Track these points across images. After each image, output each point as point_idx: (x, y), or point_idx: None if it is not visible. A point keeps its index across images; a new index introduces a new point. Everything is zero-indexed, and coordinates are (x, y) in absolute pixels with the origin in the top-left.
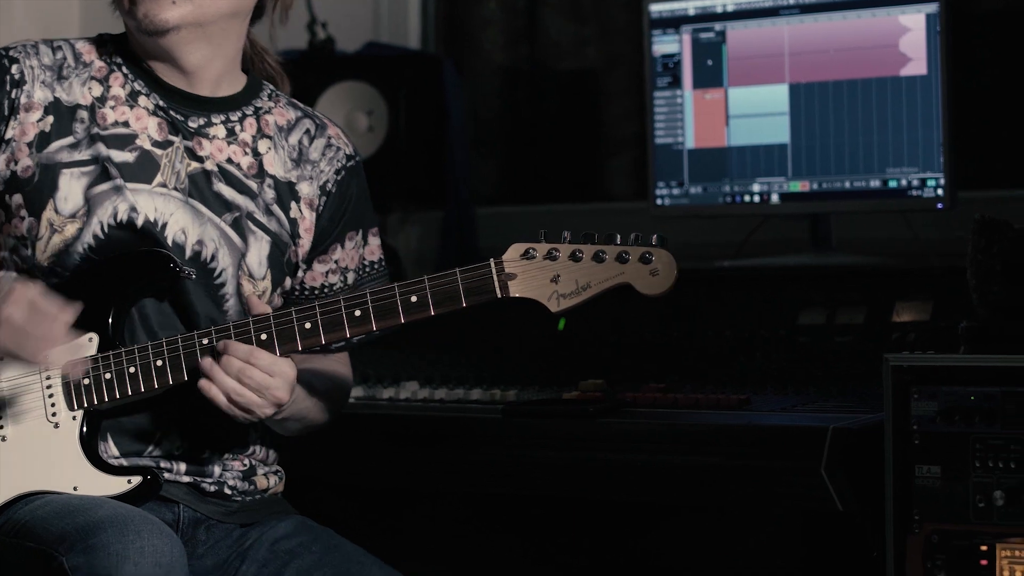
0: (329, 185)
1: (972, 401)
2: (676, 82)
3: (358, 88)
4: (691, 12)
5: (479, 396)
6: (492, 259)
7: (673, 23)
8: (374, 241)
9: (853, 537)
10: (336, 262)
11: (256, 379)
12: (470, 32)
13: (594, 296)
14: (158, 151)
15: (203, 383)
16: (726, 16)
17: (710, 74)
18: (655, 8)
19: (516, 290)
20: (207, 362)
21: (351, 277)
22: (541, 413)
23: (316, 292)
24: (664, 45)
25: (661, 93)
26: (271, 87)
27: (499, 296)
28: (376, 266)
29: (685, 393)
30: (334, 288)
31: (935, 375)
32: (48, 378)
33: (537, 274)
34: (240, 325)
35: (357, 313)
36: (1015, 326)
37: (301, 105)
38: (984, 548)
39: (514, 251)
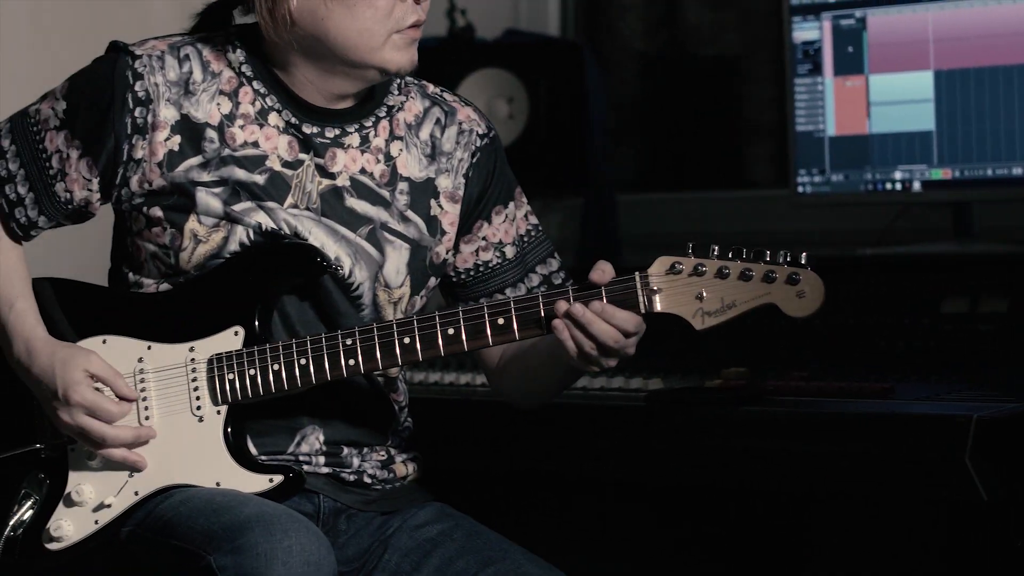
0: (468, 171)
1: None
2: (817, 69)
3: (498, 75)
4: None
5: (621, 384)
6: (638, 272)
7: (813, 9)
8: (519, 212)
9: (997, 527)
10: (485, 239)
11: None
12: (609, 18)
13: (739, 315)
14: (288, 171)
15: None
16: (867, 3)
17: (851, 61)
18: None
19: (661, 305)
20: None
21: (510, 251)
22: (684, 401)
23: (472, 273)
24: (804, 32)
25: (802, 80)
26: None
27: (643, 311)
28: (532, 234)
29: (828, 381)
30: (490, 265)
31: None
32: (193, 370)
33: (683, 290)
34: (384, 327)
35: (500, 321)
36: None
37: (429, 90)
38: None
39: (660, 265)
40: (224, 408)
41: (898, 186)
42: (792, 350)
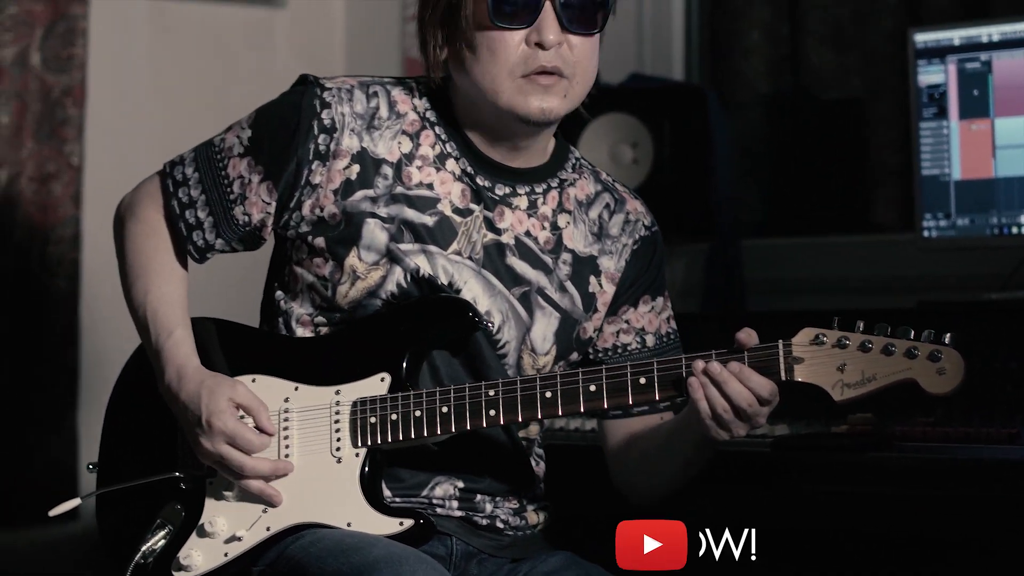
0: (629, 256)
1: None
2: (942, 113)
3: (623, 120)
4: (956, 42)
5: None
6: (781, 341)
7: (938, 53)
8: (664, 313)
9: None
10: (628, 322)
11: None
12: (733, 62)
13: (878, 389)
14: (458, 218)
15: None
16: (992, 46)
17: (976, 104)
18: (920, 38)
19: (801, 375)
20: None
21: (650, 340)
22: (810, 447)
23: (609, 353)
24: (929, 75)
25: (927, 124)
26: (576, 155)
27: (783, 379)
28: (671, 336)
29: (954, 427)
30: (629, 349)
31: None
32: (337, 412)
33: (825, 361)
34: (527, 380)
35: (642, 380)
36: None
37: (603, 176)
38: None
39: (804, 335)
40: (363, 451)
41: None
42: (918, 395)
